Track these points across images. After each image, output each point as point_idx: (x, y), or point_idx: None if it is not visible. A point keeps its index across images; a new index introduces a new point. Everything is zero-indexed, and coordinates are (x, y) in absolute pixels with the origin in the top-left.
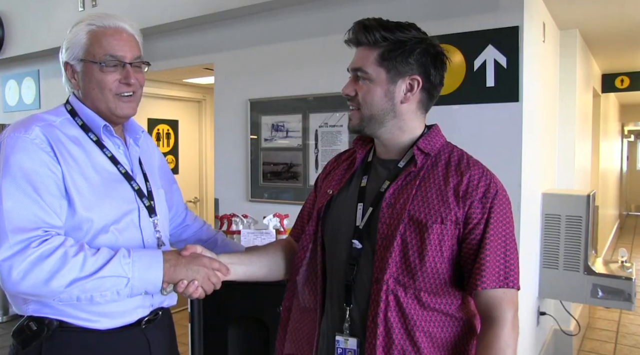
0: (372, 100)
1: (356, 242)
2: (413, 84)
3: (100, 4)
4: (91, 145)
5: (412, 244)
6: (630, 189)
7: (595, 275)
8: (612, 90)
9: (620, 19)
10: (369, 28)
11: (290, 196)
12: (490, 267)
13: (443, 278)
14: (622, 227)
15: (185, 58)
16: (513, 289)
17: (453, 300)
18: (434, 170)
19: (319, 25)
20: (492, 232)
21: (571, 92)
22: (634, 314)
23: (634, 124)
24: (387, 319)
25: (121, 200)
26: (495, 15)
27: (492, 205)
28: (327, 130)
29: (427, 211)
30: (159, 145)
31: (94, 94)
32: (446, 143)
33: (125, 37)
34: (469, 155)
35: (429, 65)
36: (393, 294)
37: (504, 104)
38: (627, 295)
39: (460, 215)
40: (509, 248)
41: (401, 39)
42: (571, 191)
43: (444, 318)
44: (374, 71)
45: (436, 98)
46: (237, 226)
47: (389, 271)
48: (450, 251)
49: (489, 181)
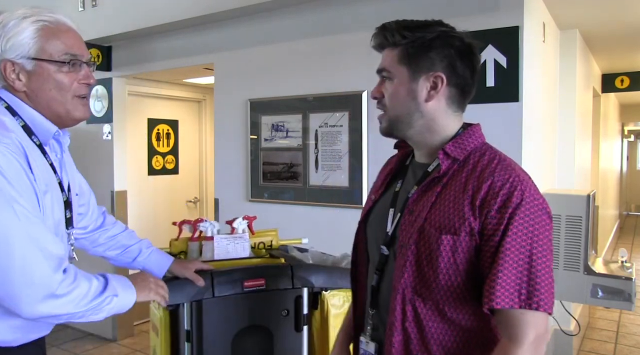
0: (396, 101)
1: (384, 248)
2: (437, 81)
3: (100, 4)
4: (35, 150)
5: (427, 253)
6: (630, 189)
7: (595, 275)
8: (612, 90)
9: (620, 19)
10: (388, 29)
11: (290, 196)
12: (505, 283)
13: (460, 291)
14: (622, 227)
15: (185, 58)
16: (538, 312)
17: (473, 314)
18: (457, 176)
19: (319, 25)
20: (509, 245)
21: (571, 92)
22: (634, 314)
23: (634, 124)
24: (405, 328)
25: (56, 212)
26: (495, 15)
27: (512, 215)
28: (327, 130)
29: (442, 220)
30: (159, 146)
31: (51, 96)
32: (481, 145)
33: (77, 35)
34: (503, 159)
35: (454, 57)
36: (411, 304)
37: (504, 104)
38: (627, 295)
39: (476, 226)
40: (535, 264)
41: (420, 34)
42: (571, 191)
43: (463, 332)
44: (396, 70)
45: (471, 93)
46: (208, 232)
47: (403, 280)
48: (467, 264)
49: (513, 189)
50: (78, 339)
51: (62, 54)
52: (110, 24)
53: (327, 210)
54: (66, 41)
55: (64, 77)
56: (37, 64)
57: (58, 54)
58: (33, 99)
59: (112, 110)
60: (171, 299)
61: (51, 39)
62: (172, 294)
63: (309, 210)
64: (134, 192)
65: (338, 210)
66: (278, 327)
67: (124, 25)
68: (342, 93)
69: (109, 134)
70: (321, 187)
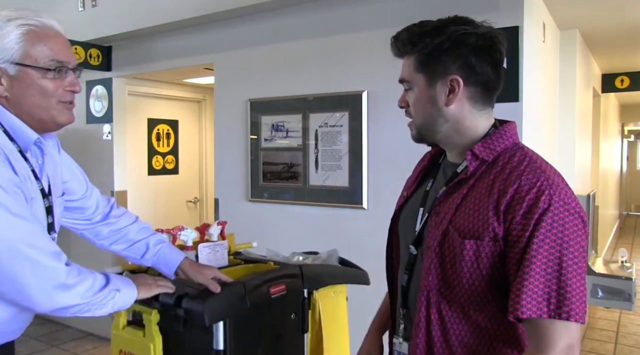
0: (419, 109)
1: (412, 248)
2: (453, 84)
3: (100, 4)
4: (17, 156)
5: (450, 257)
6: (630, 189)
7: (595, 275)
8: (612, 90)
9: (620, 19)
10: (399, 39)
11: (290, 196)
12: (532, 293)
13: (484, 295)
14: (622, 227)
15: (185, 58)
16: (568, 322)
17: (499, 318)
18: (485, 178)
19: (319, 25)
20: (535, 252)
21: (571, 92)
22: (634, 314)
23: (634, 124)
24: (429, 330)
25: (39, 218)
26: (495, 15)
27: (539, 221)
28: (327, 130)
29: (467, 224)
30: (159, 146)
31: (34, 101)
32: (512, 145)
33: (65, 40)
34: (533, 161)
35: (468, 56)
36: (435, 306)
37: (504, 104)
38: (627, 295)
39: (500, 231)
40: (566, 272)
41: (430, 40)
42: None
43: (489, 335)
44: (414, 79)
45: (497, 88)
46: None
47: (428, 282)
48: (491, 269)
49: (540, 193)
50: (78, 339)
51: (47, 59)
52: (110, 24)
53: (327, 210)
54: (53, 46)
55: (48, 83)
56: (20, 70)
57: (44, 59)
58: (14, 105)
59: (112, 110)
60: (208, 318)
61: (37, 44)
62: (207, 311)
63: (309, 210)
64: (134, 192)
65: (338, 210)
66: (286, 331)
67: (124, 25)
68: (342, 93)
69: (109, 134)
70: (321, 187)
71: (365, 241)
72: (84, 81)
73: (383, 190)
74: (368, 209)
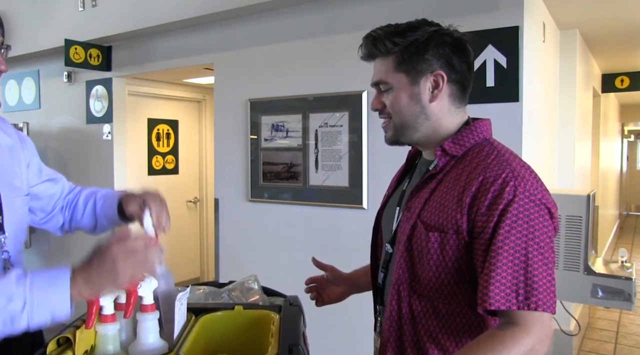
0: (400, 108)
1: (388, 246)
2: (437, 79)
3: (100, 4)
4: None
5: (418, 251)
6: (630, 189)
7: (595, 275)
8: (612, 90)
9: (620, 19)
10: (378, 39)
11: (290, 196)
12: (499, 283)
13: (452, 289)
14: (622, 227)
15: (185, 58)
16: (537, 312)
17: (469, 312)
18: (453, 172)
19: (319, 25)
20: (501, 243)
21: (571, 92)
22: (634, 314)
23: (634, 124)
24: (400, 324)
25: None
26: (495, 15)
27: (504, 212)
28: (327, 130)
29: (433, 217)
30: (159, 146)
31: None
32: (482, 141)
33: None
34: (502, 153)
35: (450, 55)
36: (406, 300)
37: (504, 104)
38: (627, 295)
39: (464, 223)
40: (532, 263)
41: (412, 38)
42: (571, 191)
43: (459, 330)
44: (394, 79)
45: (470, 87)
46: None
47: (398, 276)
48: (457, 262)
49: (505, 184)
50: None
51: None
52: (110, 24)
53: (327, 210)
54: None
55: None
56: None
57: None
58: None
59: (112, 110)
60: None
61: None
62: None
63: (308, 210)
64: None
65: (338, 210)
66: None
67: (124, 25)
68: (342, 93)
69: (109, 134)
70: (321, 187)
71: (365, 241)
72: (84, 81)
73: (383, 191)
74: (368, 209)
